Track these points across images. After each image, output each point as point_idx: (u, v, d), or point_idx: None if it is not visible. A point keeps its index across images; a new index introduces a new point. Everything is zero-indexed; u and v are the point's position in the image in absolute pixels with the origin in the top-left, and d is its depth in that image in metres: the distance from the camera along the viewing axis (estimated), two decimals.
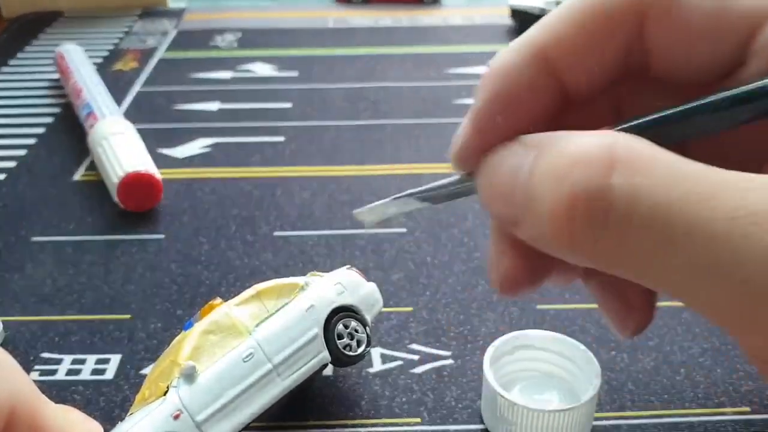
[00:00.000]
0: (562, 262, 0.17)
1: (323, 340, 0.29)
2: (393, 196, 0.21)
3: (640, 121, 0.16)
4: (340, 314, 0.30)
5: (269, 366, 0.28)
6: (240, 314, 0.29)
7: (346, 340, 0.29)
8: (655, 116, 0.16)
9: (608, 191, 0.14)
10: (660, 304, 0.37)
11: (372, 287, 0.32)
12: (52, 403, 0.20)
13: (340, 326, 0.29)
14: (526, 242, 0.17)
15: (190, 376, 0.27)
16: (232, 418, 0.27)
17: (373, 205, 0.21)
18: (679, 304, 0.38)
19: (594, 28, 0.17)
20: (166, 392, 0.27)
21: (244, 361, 0.27)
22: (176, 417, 0.26)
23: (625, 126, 0.16)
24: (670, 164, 0.14)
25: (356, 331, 0.30)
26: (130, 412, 0.28)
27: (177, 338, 0.30)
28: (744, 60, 0.16)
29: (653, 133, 0.15)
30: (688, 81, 0.17)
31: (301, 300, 0.29)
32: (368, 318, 0.31)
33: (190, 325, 0.29)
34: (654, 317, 0.20)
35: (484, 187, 0.17)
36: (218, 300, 0.30)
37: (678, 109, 0.16)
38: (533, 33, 0.18)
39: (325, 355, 0.29)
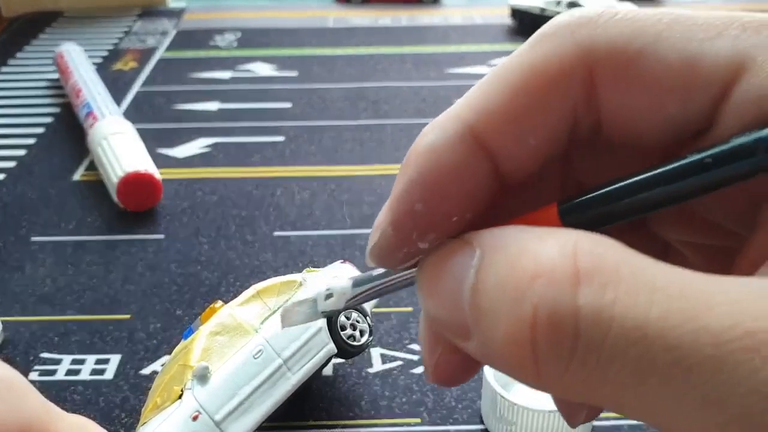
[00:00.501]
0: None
1: (328, 332, 0.29)
2: (321, 306, 0.18)
3: (595, 194, 0.13)
4: None
5: (279, 361, 0.28)
6: (244, 314, 0.29)
7: (349, 331, 0.30)
8: (614, 186, 0.13)
9: (575, 314, 0.12)
10: None
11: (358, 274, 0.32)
12: (67, 417, 0.20)
13: (342, 318, 0.30)
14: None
15: (203, 377, 0.27)
16: (250, 415, 0.27)
17: (300, 315, 0.18)
18: None
19: (531, 96, 0.14)
20: (181, 396, 0.27)
21: (255, 358, 0.28)
22: (195, 418, 0.26)
23: (580, 200, 0.14)
24: (643, 272, 0.12)
25: (358, 321, 0.30)
26: (142, 422, 0.27)
27: (180, 345, 0.30)
28: (715, 119, 0.14)
29: (605, 211, 0.13)
30: (647, 146, 0.15)
31: (302, 295, 0.30)
32: (367, 309, 0.31)
33: (191, 332, 0.29)
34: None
35: (424, 290, 0.15)
36: (219, 303, 0.30)
37: (643, 176, 0.13)
38: (459, 106, 0.15)
39: (331, 347, 0.29)
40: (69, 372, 0.34)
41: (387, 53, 0.70)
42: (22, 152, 0.53)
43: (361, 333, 0.30)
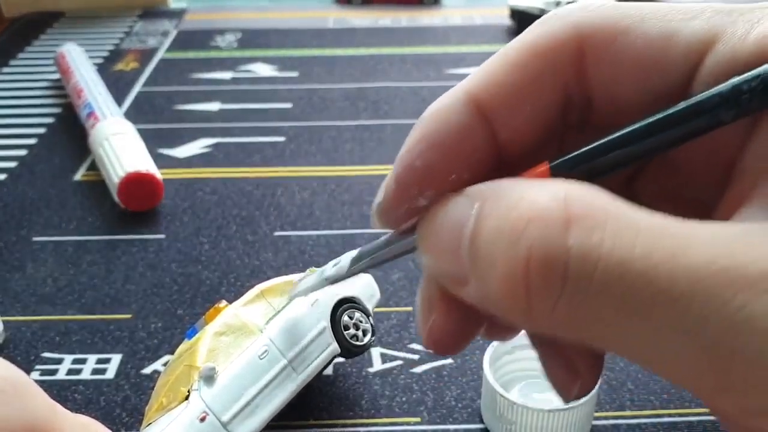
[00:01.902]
0: (498, 319, 0.15)
1: (331, 332, 0.29)
2: (327, 272, 0.19)
3: (581, 150, 0.15)
4: (344, 306, 0.30)
5: (284, 361, 0.28)
6: (248, 314, 0.29)
7: (352, 331, 0.30)
8: (598, 143, 0.15)
9: (566, 253, 0.12)
10: None
11: (369, 278, 0.33)
12: (71, 417, 0.20)
13: (345, 317, 0.30)
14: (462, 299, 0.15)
15: (210, 377, 0.27)
16: (256, 416, 0.27)
17: (308, 283, 0.21)
18: None
19: (526, 70, 0.16)
20: (188, 397, 0.27)
21: (260, 359, 0.28)
22: (202, 419, 0.26)
23: (568, 157, 0.15)
24: (628, 217, 0.13)
25: (360, 321, 0.30)
26: (147, 422, 0.27)
27: (184, 345, 0.30)
28: (691, 87, 0.15)
29: (594, 165, 0.14)
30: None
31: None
32: (369, 308, 0.31)
33: (194, 332, 0.29)
34: (598, 383, 0.18)
35: (424, 244, 0.15)
36: (223, 303, 0.30)
37: (622, 132, 0.14)
38: (465, 80, 0.16)
39: (335, 346, 0.29)
40: (70, 371, 0.34)
41: (387, 54, 0.70)
42: (23, 152, 0.54)
43: (364, 333, 0.30)
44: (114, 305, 0.38)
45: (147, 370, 0.34)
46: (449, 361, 0.34)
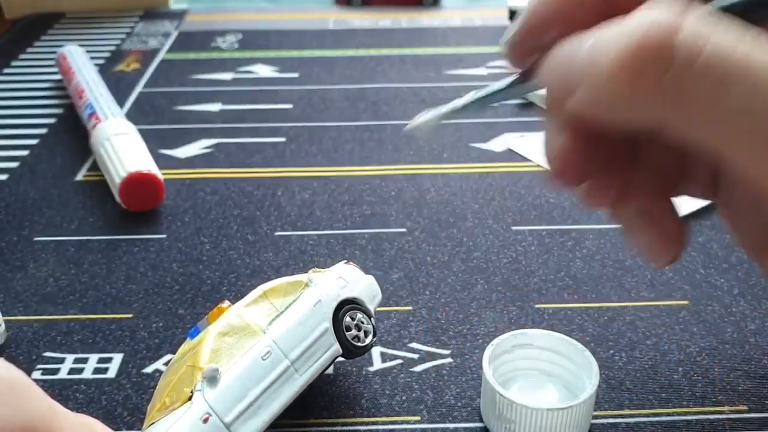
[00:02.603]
0: (609, 161, 0.18)
1: (333, 333, 0.29)
2: (445, 107, 0.21)
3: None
4: (346, 307, 0.30)
5: (287, 362, 0.28)
6: (251, 314, 0.29)
7: (354, 332, 0.30)
8: None
9: (674, 41, 0.15)
10: (658, 303, 0.38)
11: (371, 279, 0.33)
12: (71, 416, 0.20)
13: (347, 318, 0.30)
14: (579, 123, 0.18)
15: (213, 378, 0.27)
16: (259, 417, 0.27)
17: (424, 118, 0.22)
18: (677, 302, 0.38)
19: None
20: (191, 397, 0.27)
21: (263, 360, 0.28)
22: (205, 420, 0.26)
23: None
24: (735, 30, 0.15)
25: (362, 322, 0.31)
26: (149, 421, 0.27)
27: (186, 345, 0.30)
28: None
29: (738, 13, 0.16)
30: None
31: (308, 296, 0.30)
32: (371, 309, 0.32)
33: (197, 332, 0.29)
34: (687, 246, 0.21)
35: (546, 67, 0.18)
36: (226, 303, 0.30)
37: None
38: None
39: (337, 347, 0.29)
40: (71, 371, 0.34)
41: (387, 55, 0.70)
42: (24, 152, 0.54)
43: (366, 334, 0.31)
44: (115, 305, 0.38)
45: (148, 370, 0.34)
46: (449, 360, 0.34)
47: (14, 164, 0.52)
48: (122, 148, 0.47)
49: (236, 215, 0.46)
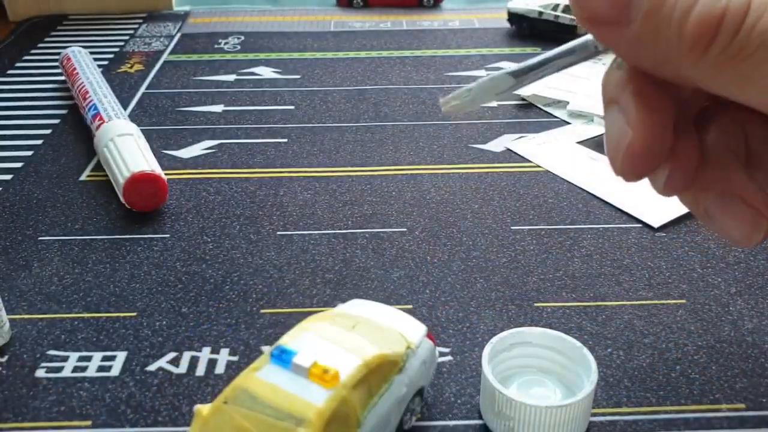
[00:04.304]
0: (684, 141, 0.19)
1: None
2: (481, 80, 0.20)
3: None
4: (414, 395, 0.30)
5: None
6: (354, 400, 0.27)
7: (407, 416, 0.30)
8: None
9: (744, 20, 0.16)
10: (656, 301, 0.38)
11: (436, 354, 0.32)
12: None
13: (410, 404, 0.30)
14: (653, 90, 0.18)
15: None
16: None
17: (459, 91, 0.21)
18: (675, 301, 0.38)
19: None
20: None
21: None
22: None
23: None
24: None
25: (416, 407, 0.30)
26: None
27: (278, 374, 0.27)
28: None
29: None
30: None
31: (398, 385, 0.29)
32: (427, 385, 0.31)
33: (286, 356, 0.27)
34: None
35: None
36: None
37: None
38: None
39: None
40: (75, 369, 0.35)
41: (387, 56, 0.71)
42: (29, 153, 0.54)
43: (412, 414, 0.30)
44: (119, 303, 0.39)
45: (152, 368, 0.34)
46: (448, 358, 0.35)
47: (19, 164, 0.53)
48: (126, 149, 0.47)
49: (239, 215, 0.46)
